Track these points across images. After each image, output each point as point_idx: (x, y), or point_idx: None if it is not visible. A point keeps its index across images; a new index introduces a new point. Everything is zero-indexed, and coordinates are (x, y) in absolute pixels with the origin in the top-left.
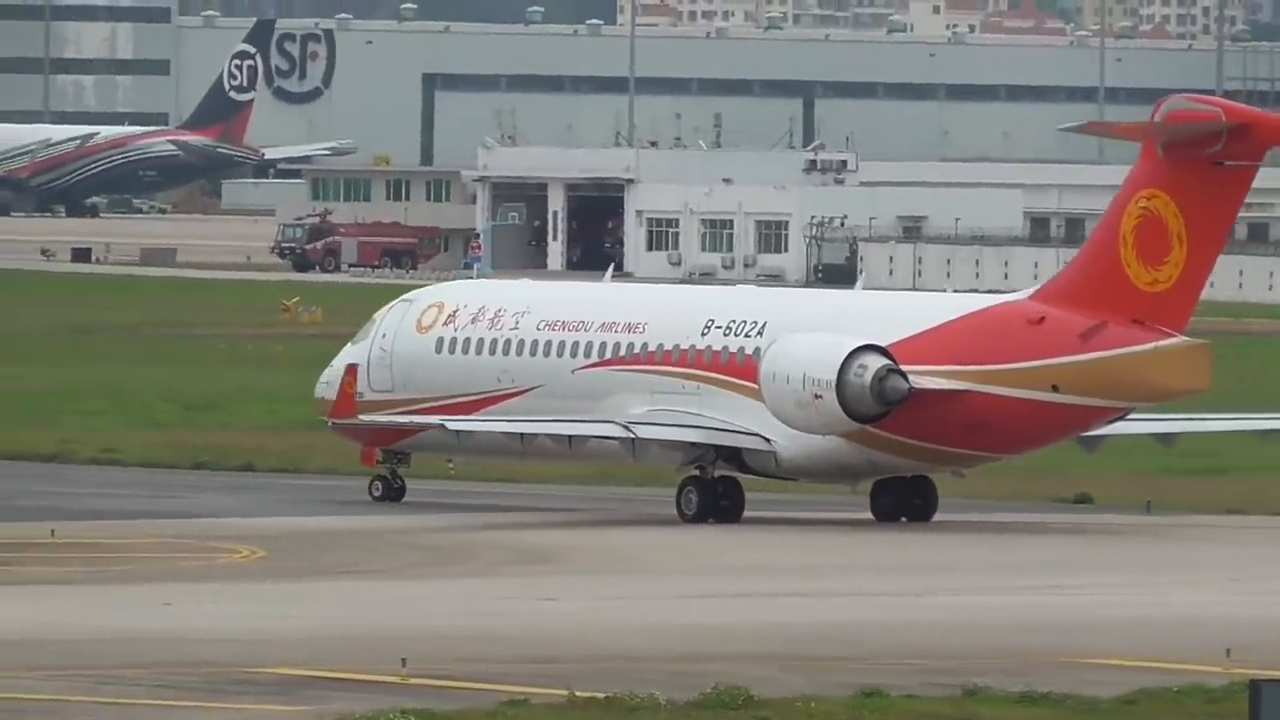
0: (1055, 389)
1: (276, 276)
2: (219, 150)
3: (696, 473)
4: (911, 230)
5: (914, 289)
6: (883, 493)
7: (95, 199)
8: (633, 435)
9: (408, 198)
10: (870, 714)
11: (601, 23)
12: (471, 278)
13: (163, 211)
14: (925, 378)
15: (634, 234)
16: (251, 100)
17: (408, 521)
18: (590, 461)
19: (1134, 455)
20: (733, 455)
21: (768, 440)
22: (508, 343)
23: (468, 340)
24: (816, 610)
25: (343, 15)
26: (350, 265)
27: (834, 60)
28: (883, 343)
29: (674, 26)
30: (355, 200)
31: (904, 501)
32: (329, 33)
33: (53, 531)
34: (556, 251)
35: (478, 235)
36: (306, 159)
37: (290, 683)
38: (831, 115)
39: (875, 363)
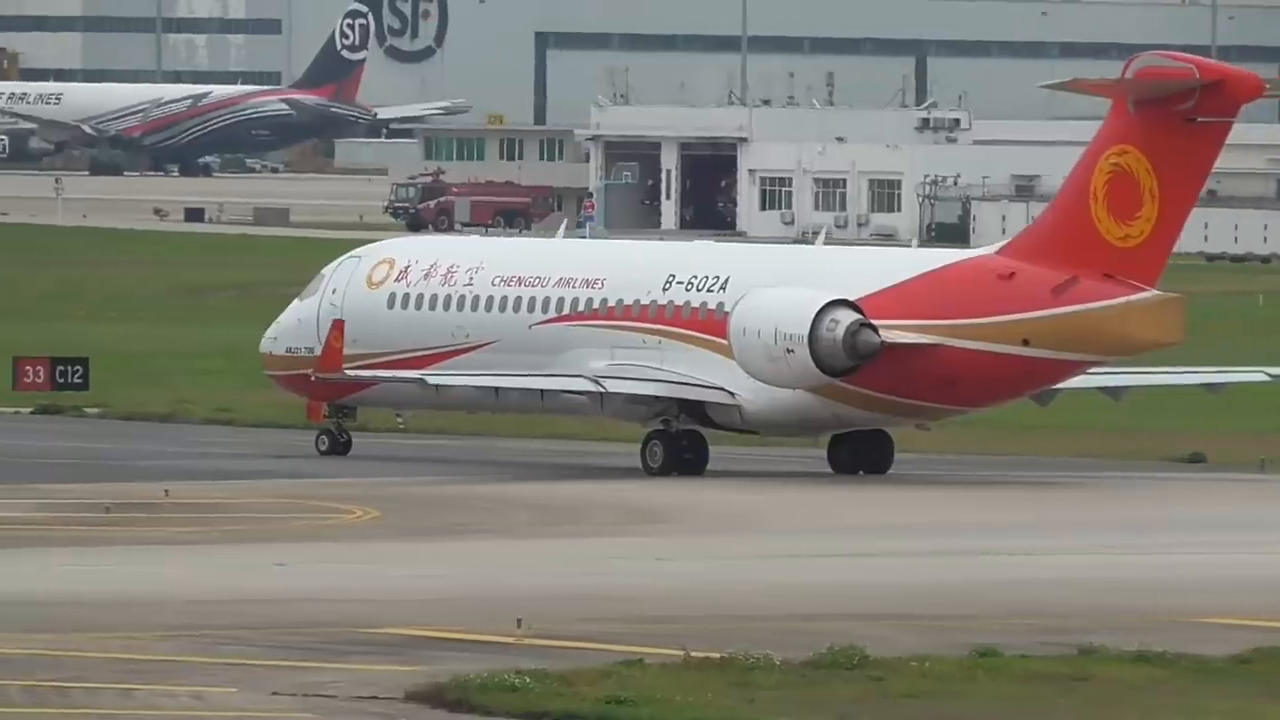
0: (1026, 343)
1: (390, 236)
2: (332, 109)
3: (661, 426)
4: (1024, 189)
5: None
6: (839, 445)
7: (208, 158)
8: (602, 389)
9: (521, 157)
10: (984, 673)
11: None
12: (585, 237)
13: (276, 171)
14: (896, 332)
15: (747, 193)
16: (364, 59)
17: (519, 482)
18: (556, 415)
19: (1250, 414)
20: (696, 409)
21: (732, 394)
22: (462, 298)
23: (420, 296)
24: (930, 569)
25: None
26: (463, 224)
27: (947, 18)
28: (850, 297)
29: None
30: (468, 159)
31: (861, 454)
32: None
33: (166, 491)
34: (670, 211)
35: (590, 194)
36: (419, 118)
37: (404, 643)
38: (944, 73)
39: (847, 317)
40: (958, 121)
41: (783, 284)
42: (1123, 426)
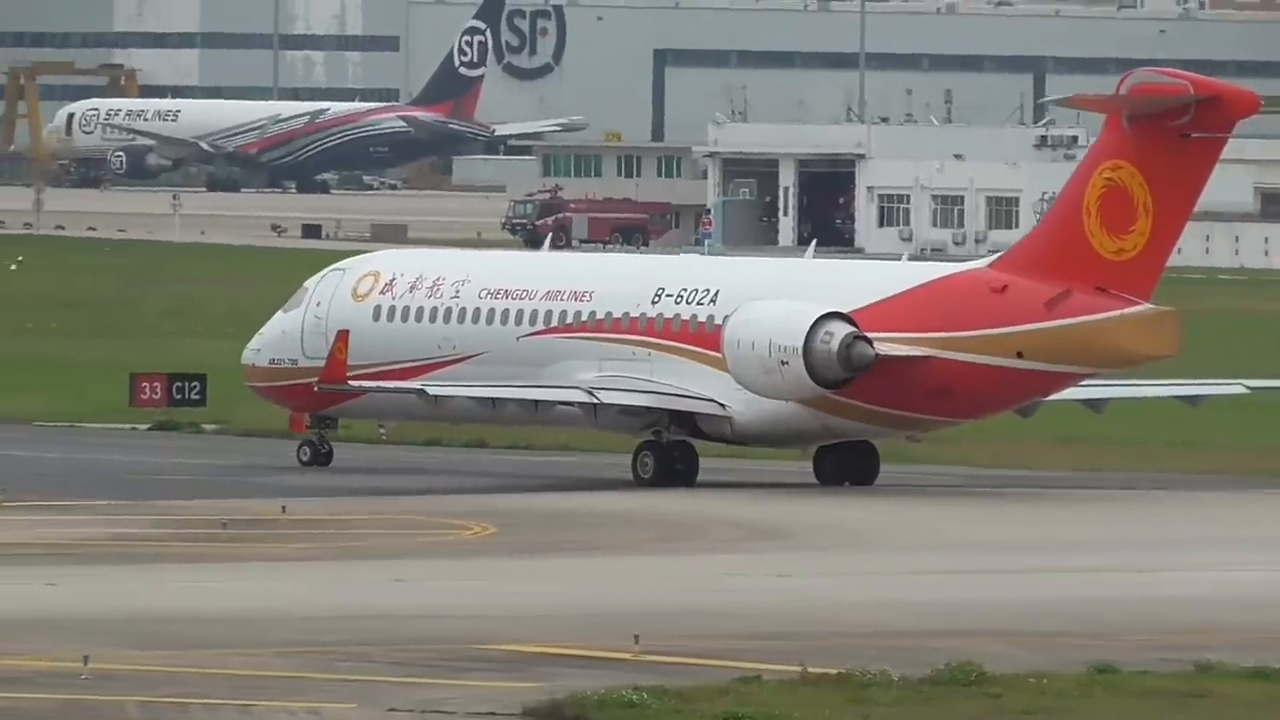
0: (1020, 355)
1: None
2: (449, 126)
3: (652, 437)
4: None
5: None
6: (826, 456)
7: (326, 175)
8: (595, 400)
9: (638, 174)
10: (1102, 690)
11: None
12: (703, 254)
13: (393, 188)
14: (890, 344)
15: (865, 210)
16: (482, 76)
17: (636, 498)
18: (550, 426)
19: None
20: (686, 420)
21: (723, 406)
22: (449, 310)
23: (407, 308)
24: (1046, 586)
25: None
26: (581, 241)
27: (1064, 36)
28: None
29: (904, 2)
30: (586, 176)
31: (847, 465)
32: (559, 9)
33: (284, 508)
34: (787, 227)
35: (708, 211)
36: (537, 135)
37: (522, 660)
38: (1062, 90)
39: (841, 330)
40: (1075, 139)
41: (773, 297)
42: (1251, 442)
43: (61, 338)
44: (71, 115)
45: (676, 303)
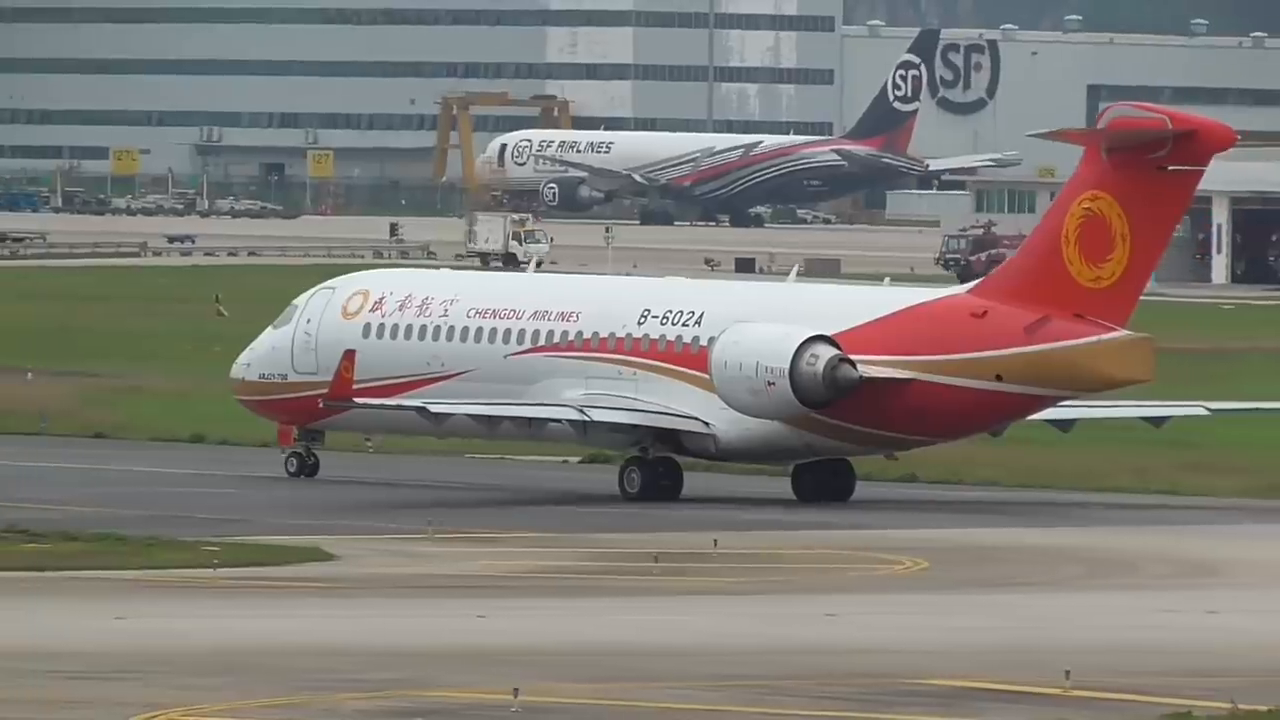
0: (999, 379)
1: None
2: (883, 160)
3: (638, 453)
4: None
5: None
6: (804, 474)
7: (759, 208)
8: (586, 418)
9: None
10: None
11: (1265, 35)
12: None
13: (827, 221)
14: (873, 367)
15: None
16: (915, 110)
17: (1061, 534)
18: (542, 442)
19: None
20: (670, 437)
21: (707, 424)
22: (437, 329)
23: (395, 326)
24: None
25: (1007, 26)
26: None
27: None
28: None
29: None
30: (1019, 212)
31: (824, 482)
32: (993, 43)
33: (715, 542)
34: (1220, 265)
35: None
36: (970, 170)
37: (952, 694)
38: None
39: (826, 352)
40: None
41: (757, 320)
42: None
43: None
44: (504, 146)
45: (662, 324)
